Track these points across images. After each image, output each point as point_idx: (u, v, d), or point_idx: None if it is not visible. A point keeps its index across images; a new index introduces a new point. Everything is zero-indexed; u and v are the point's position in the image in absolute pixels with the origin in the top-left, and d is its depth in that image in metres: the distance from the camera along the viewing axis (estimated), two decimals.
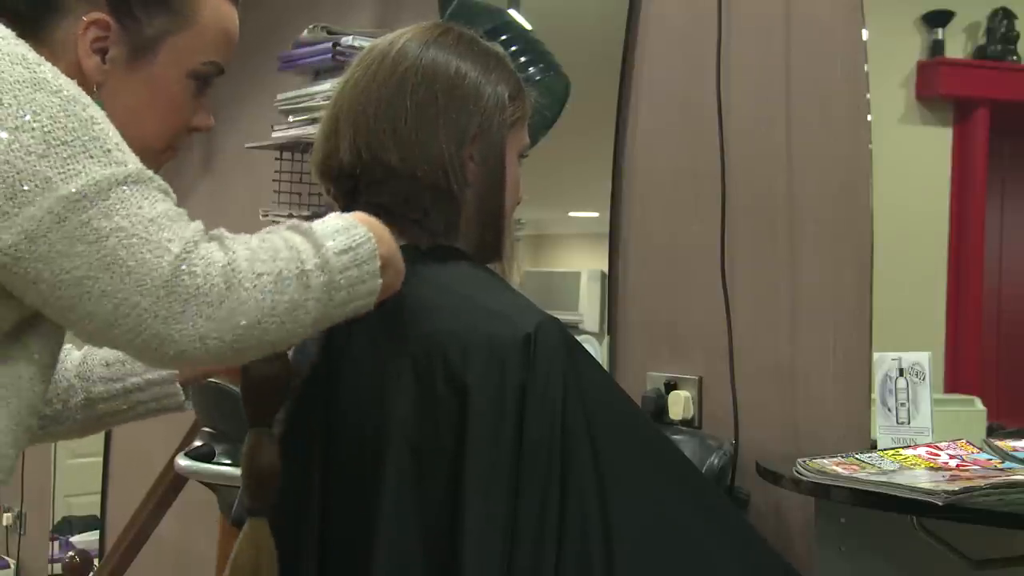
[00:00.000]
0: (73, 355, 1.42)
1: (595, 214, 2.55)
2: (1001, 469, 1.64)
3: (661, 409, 2.26)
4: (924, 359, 1.81)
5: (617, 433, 1.24)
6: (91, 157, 1.02)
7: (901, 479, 1.59)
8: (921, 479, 1.58)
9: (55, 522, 5.30)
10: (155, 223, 1.03)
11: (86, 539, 5.05)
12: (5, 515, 5.59)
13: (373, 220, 1.18)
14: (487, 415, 1.19)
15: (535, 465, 1.18)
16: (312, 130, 2.60)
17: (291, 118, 2.82)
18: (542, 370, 1.20)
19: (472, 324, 1.24)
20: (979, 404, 1.97)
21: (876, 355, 1.88)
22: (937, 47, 2.08)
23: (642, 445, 1.28)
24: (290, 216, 2.80)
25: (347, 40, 2.73)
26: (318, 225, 1.14)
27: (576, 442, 1.20)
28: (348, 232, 1.13)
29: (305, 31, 2.85)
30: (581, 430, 1.20)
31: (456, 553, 1.17)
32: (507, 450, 1.19)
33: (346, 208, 1.31)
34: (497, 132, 1.35)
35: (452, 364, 1.22)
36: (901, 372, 1.83)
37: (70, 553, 4.92)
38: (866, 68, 1.98)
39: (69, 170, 1.01)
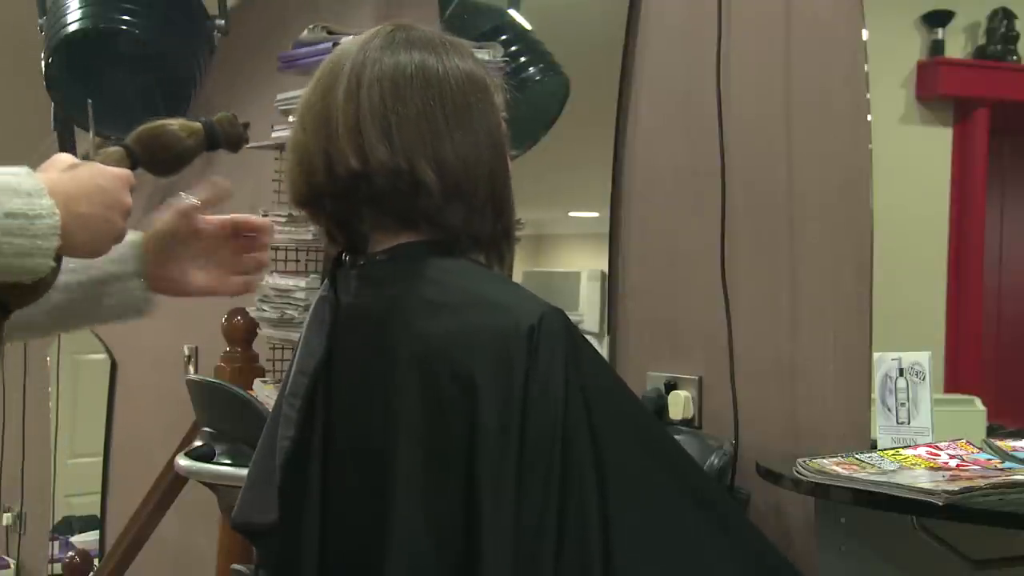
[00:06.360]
0: None
1: (595, 214, 2.55)
2: (1001, 469, 1.64)
3: (661, 409, 2.26)
4: (924, 359, 1.81)
5: (618, 426, 1.24)
6: None
7: (901, 479, 1.59)
8: (921, 479, 1.58)
9: (55, 522, 5.31)
10: None
11: (86, 539, 5.06)
12: (5, 515, 5.60)
13: (61, 179, 1.12)
14: (497, 412, 1.19)
15: (537, 459, 1.18)
16: None
17: (291, 118, 2.81)
18: (544, 362, 1.20)
19: (475, 320, 1.24)
20: (979, 404, 1.97)
21: (876, 355, 1.88)
22: (937, 47, 2.08)
23: (643, 439, 1.27)
24: (290, 216, 2.81)
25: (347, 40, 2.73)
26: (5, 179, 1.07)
27: (577, 435, 1.19)
28: (29, 199, 1.07)
29: (305, 31, 2.85)
30: (582, 423, 1.20)
31: (475, 553, 1.17)
32: (517, 447, 1.18)
33: (345, 226, 1.32)
34: (494, 112, 1.35)
35: (457, 362, 1.22)
36: (901, 372, 1.83)
37: (70, 553, 4.93)
38: (866, 68, 1.98)
39: None
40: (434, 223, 1.30)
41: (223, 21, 3.47)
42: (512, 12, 2.83)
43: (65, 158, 1.17)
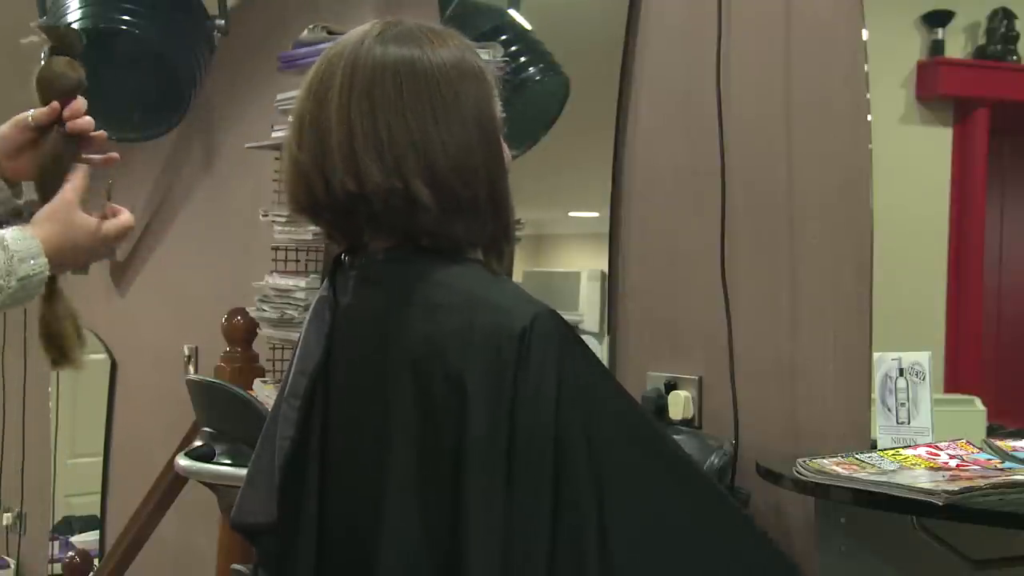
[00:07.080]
0: None
1: (595, 214, 2.55)
2: (1001, 469, 1.64)
3: (661, 409, 2.26)
4: (924, 359, 1.81)
5: (612, 426, 1.24)
6: None
7: (901, 479, 1.59)
8: (921, 479, 1.58)
9: (55, 522, 5.30)
10: None
11: (86, 539, 5.06)
12: (5, 515, 5.60)
13: (51, 236, 1.42)
14: (486, 413, 1.19)
15: (529, 459, 1.18)
16: None
17: (291, 118, 2.82)
18: (536, 363, 1.20)
19: (469, 320, 1.24)
20: (979, 404, 1.97)
21: (876, 355, 1.88)
22: (937, 47, 2.08)
23: (638, 439, 1.27)
24: (290, 216, 2.80)
25: None
26: (17, 245, 1.37)
27: (569, 435, 1.19)
28: (33, 261, 1.38)
29: (305, 31, 2.85)
30: (574, 424, 1.20)
31: (461, 554, 1.17)
32: (506, 447, 1.18)
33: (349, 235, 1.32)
34: (487, 100, 1.34)
35: (450, 362, 1.22)
36: (901, 372, 1.83)
37: (70, 553, 4.93)
38: (866, 68, 1.98)
39: None
40: (436, 236, 1.30)
41: (223, 21, 3.47)
42: (512, 12, 2.83)
43: (44, 209, 1.45)
